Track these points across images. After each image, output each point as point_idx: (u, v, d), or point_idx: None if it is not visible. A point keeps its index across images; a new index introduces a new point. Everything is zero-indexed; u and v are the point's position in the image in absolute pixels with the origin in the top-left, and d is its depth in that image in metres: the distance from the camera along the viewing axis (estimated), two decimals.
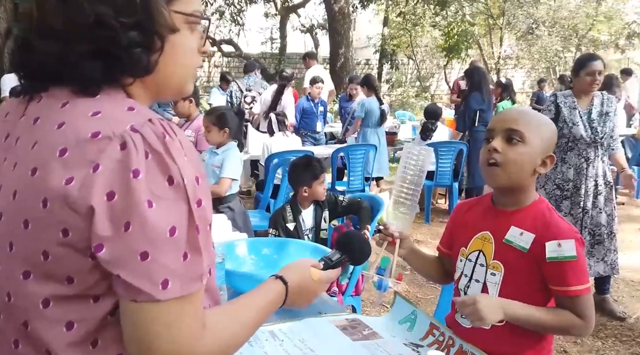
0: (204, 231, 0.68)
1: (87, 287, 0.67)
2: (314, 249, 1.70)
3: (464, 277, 1.35)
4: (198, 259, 0.67)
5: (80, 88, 0.69)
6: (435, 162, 4.90)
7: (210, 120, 2.99)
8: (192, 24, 0.76)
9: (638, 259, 4.05)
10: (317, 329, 1.36)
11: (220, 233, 1.98)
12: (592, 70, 2.91)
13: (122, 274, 0.63)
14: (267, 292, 0.90)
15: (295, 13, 14.00)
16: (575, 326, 1.24)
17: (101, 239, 0.63)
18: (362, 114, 5.32)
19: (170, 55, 0.73)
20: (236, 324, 0.78)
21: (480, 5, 14.27)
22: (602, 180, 3.03)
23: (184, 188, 0.66)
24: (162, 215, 0.64)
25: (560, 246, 1.20)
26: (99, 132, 0.65)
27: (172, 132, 0.68)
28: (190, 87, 0.81)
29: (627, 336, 2.87)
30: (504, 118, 1.29)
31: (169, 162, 0.65)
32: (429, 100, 14.25)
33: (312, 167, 2.53)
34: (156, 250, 0.63)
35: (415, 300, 3.35)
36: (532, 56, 15.31)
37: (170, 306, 0.65)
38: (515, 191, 1.29)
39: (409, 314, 1.40)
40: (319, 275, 1.00)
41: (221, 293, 1.41)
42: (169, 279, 0.64)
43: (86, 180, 0.63)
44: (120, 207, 0.62)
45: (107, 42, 0.66)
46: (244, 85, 5.90)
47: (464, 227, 1.39)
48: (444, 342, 1.29)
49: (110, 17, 0.66)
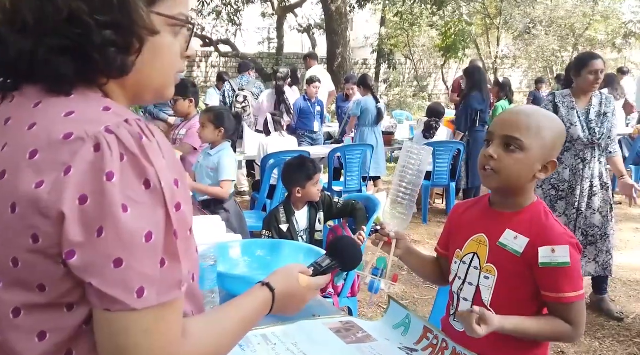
0: (183, 236, 0.65)
1: (59, 295, 0.64)
2: (308, 251, 1.68)
3: (457, 280, 1.33)
4: (176, 265, 0.64)
5: (52, 86, 0.66)
6: (433, 162, 4.89)
7: (207, 117, 2.98)
8: (176, 27, 0.73)
9: (635, 258, 4.05)
10: (311, 331, 1.34)
11: (214, 235, 1.97)
12: (595, 69, 2.88)
13: (95, 281, 0.60)
14: (253, 300, 0.88)
15: (293, 13, 13.97)
16: (566, 334, 1.22)
17: (73, 245, 0.60)
18: (358, 112, 5.31)
19: (150, 57, 0.70)
20: (219, 333, 0.75)
21: (478, 5, 14.27)
22: (597, 182, 3.01)
23: (161, 192, 0.63)
24: (138, 220, 0.61)
25: (554, 252, 1.18)
26: (71, 133, 0.62)
27: (149, 134, 0.65)
28: (171, 91, 0.78)
29: (625, 336, 2.86)
30: (504, 122, 1.25)
31: (145, 164, 0.62)
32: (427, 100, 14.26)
33: (305, 168, 2.51)
34: (131, 256, 0.60)
35: (413, 300, 3.34)
36: (529, 56, 15.32)
37: (147, 315, 0.62)
38: (512, 194, 1.27)
39: (403, 318, 1.38)
40: (307, 282, 0.98)
41: (213, 296, 1.39)
42: (145, 287, 0.61)
43: (57, 183, 0.60)
44: (92, 211, 0.60)
45: (79, 40, 0.64)
46: (237, 85, 5.89)
47: (460, 228, 1.37)
48: (437, 346, 1.28)
49: (84, 14, 0.63)
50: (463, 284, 1.31)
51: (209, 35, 13.66)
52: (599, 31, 15.05)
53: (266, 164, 4.11)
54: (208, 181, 2.99)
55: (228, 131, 2.99)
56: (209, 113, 3.03)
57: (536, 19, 14.63)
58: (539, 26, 14.73)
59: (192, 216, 0.70)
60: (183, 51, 0.76)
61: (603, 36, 15.07)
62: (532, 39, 14.81)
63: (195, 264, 0.75)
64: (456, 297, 1.34)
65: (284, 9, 13.19)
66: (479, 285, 1.28)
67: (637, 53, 16.04)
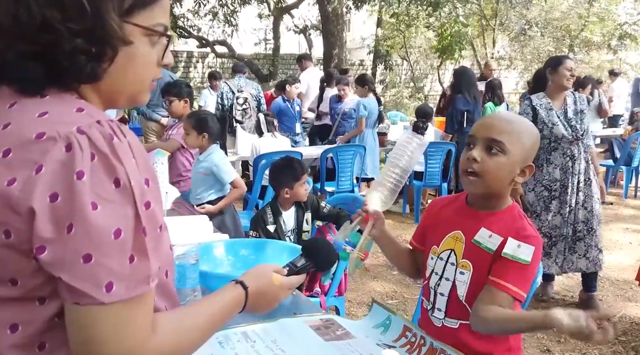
0: (152, 233, 0.68)
1: (31, 289, 0.66)
2: (292, 250, 1.70)
3: (434, 275, 1.36)
4: (145, 261, 0.67)
5: (22, 88, 0.68)
6: (425, 163, 4.92)
7: (189, 123, 2.98)
8: (153, 37, 0.75)
9: (624, 258, 4.08)
10: (290, 329, 1.37)
11: (199, 234, 1.99)
12: (570, 66, 3.07)
13: (64, 276, 0.63)
14: (226, 297, 0.90)
15: (289, 14, 13.98)
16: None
17: (43, 240, 0.62)
18: (366, 113, 5.30)
19: (124, 65, 0.72)
20: (189, 328, 0.77)
21: (474, 6, 14.31)
22: (582, 177, 3.09)
23: (131, 190, 0.65)
24: (107, 218, 0.63)
25: (519, 247, 1.22)
26: (43, 132, 0.64)
27: (120, 134, 0.67)
28: (146, 97, 0.80)
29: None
30: (486, 126, 1.28)
31: (115, 164, 0.65)
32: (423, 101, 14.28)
33: (293, 168, 2.54)
34: (100, 252, 0.63)
35: (402, 300, 3.37)
36: (525, 57, 15.37)
37: (116, 309, 0.65)
38: (491, 197, 1.31)
39: (384, 320, 1.41)
40: (280, 281, 1.00)
41: (195, 294, 1.41)
42: (114, 282, 0.64)
43: (28, 181, 0.62)
44: (63, 208, 0.62)
45: (50, 46, 0.66)
46: (235, 86, 5.92)
47: (437, 224, 1.40)
48: (415, 343, 1.31)
49: (57, 22, 0.65)
50: (440, 280, 1.34)
51: (206, 36, 13.66)
52: (595, 32, 15.11)
53: (258, 164, 4.13)
54: (204, 186, 3.00)
55: (212, 135, 2.98)
56: (191, 119, 3.03)
57: (532, 21, 14.68)
58: (535, 27, 14.79)
59: (163, 214, 0.72)
60: (159, 59, 0.78)
61: (598, 37, 15.13)
62: (528, 41, 14.87)
63: (167, 260, 0.78)
64: (433, 292, 1.36)
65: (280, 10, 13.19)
66: (455, 281, 1.31)
67: (632, 54, 16.12)
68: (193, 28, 13.50)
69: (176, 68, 13.12)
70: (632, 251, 4.30)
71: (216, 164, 2.93)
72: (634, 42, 14.69)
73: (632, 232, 4.85)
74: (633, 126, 6.57)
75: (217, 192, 2.99)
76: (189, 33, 13.43)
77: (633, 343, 2.80)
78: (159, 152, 2.49)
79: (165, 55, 0.79)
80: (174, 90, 3.70)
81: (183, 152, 3.53)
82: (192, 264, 1.37)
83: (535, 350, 2.71)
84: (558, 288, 3.49)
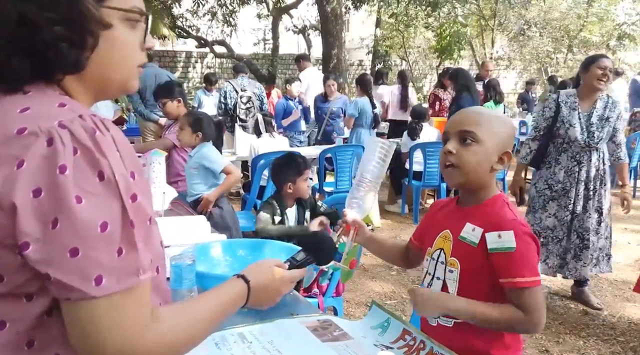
0: (141, 226, 0.68)
1: (17, 285, 0.66)
2: (290, 250, 1.69)
3: (428, 275, 1.38)
4: (134, 253, 0.67)
5: (7, 88, 0.68)
6: (424, 163, 4.92)
7: (186, 121, 2.99)
8: (132, 21, 0.75)
9: (622, 258, 4.08)
10: (287, 330, 1.36)
11: (198, 234, 1.98)
12: (603, 65, 2.93)
13: (52, 271, 0.62)
14: (228, 291, 0.90)
15: (288, 14, 13.97)
16: (519, 321, 1.22)
17: (27, 236, 0.62)
18: (356, 113, 5.31)
19: (107, 51, 0.72)
20: (190, 321, 0.77)
21: (472, 7, 14.31)
22: (593, 185, 3.02)
23: (115, 183, 0.65)
24: (92, 211, 0.63)
25: (500, 237, 1.21)
26: (25, 128, 0.64)
27: (103, 128, 0.67)
28: (135, 84, 0.80)
29: (609, 335, 2.89)
30: (457, 120, 1.33)
31: (99, 157, 0.64)
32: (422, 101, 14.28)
33: (296, 163, 2.54)
34: (87, 246, 0.62)
35: (401, 300, 3.36)
36: (524, 57, 15.39)
37: (110, 302, 0.65)
38: (475, 189, 1.32)
39: (383, 322, 1.40)
40: (281, 274, 1.00)
41: (192, 295, 1.40)
42: (103, 275, 0.64)
43: (10, 176, 0.62)
44: (47, 203, 0.62)
45: (31, 38, 0.66)
46: (239, 86, 5.91)
47: (431, 226, 1.43)
48: (414, 346, 1.30)
49: (32, 13, 0.65)
50: (432, 279, 1.36)
51: (204, 36, 13.65)
52: (593, 33, 15.12)
53: (256, 164, 4.13)
54: (197, 180, 3.00)
55: (206, 137, 2.98)
56: (189, 117, 3.04)
57: (530, 21, 14.70)
58: (534, 28, 14.80)
59: (152, 207, 0.72)
60: (142, 43, 0.78)
61: (597, 38, 15.14)
62: (527, 41, 14.88)
63: (158, 255, 0.77)
64: None
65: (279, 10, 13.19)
66: (445, 279, 1.32)
67: (631, 54, 16.13)
68: (192, 28, 13.50)
69: (175, 68, 13.11)
70: (631, 251, 4.30)
71: (205, 156, 2.93)
72: (633, 42, 14.71)
73: (630, 232, 4.85)
74: (631, 126, 6.57)
75: (212, 186, 2.98)
76: (187, 33, 13.42)
77: (632, 343, 2.80)
78: (156, 152, 2.49)
79: (146, 39, 0.79)
80: (164, 91, 3.70)
81: (179, 152, 3.51)
82: (188, 265, 1.36)
83: (534, 350, 2.71)
84: (556, 287, 3.48)
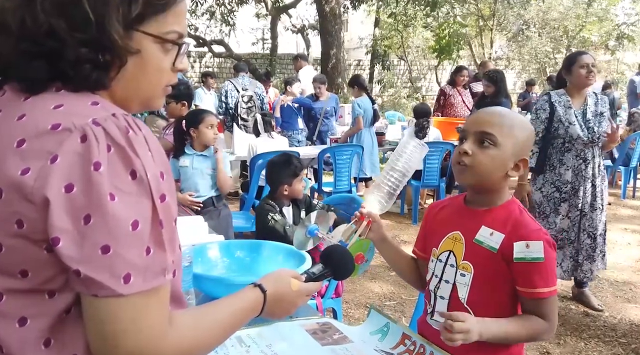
0: (168, 226, 0.67)
1: (41, 281, 0.66)
2: (288, 251, 1.67)
3: (434, 278, 1.33)
4: (161, 253, 0.66)
5: (27, 87, 0.68)
6: (423, 163, 4.89)
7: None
8: (166, 44, 0.74)
9: (623, 259, 4.07)
10: (286, 333, 1.34)
11: (195, 236, 1.95)
12: (585, 63, 2.89)
13: (82, 268, 0.62)
14: (244, 299, 0.89)
15: (287, 13, 13.96)
16: (542, 331, 1.22)
17: (58, 230, 0.62)
18: (362, 112, 5.26)
19: (134, 72, 0.72)
20: (206, 327, 0.77)
21: (471, 7, 14.32)
22: (598, 181, 3.00)
23: (148, 182, 0.65)
24: (125, 209, 0.63)
25: (528, 247, 1.19)
26: (59, 124, 0.64)
27: (136, 127, 0.67)
28: (160, 103, 0.81)
29: (610, 337, 2.87)
30: (477, 119, 1.28)
31: (132, 156, 0.65)
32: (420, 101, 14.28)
33: (292, 165, 2.52)
34: (118, 243, 0.62)
35: (400, 301, 3.34)
36: (523, 57, 15.39)
37: (135, 301, 0.64)
38: (487, 191, 1.28)
39: (382, 327, 1.37)
40: (298, 286, 0.99)
41: (189, 297, 1.38)
42: (132, 273, 0.63)
43: (43, 171, 0.62)
44: (79, 199, 0.62)
45: (54, 53, 0.66)
46: (240, 85, 5.88)
47: (435, 227, 1.37)
48: (414, 351, 1.27)
49: (62, 31, 0.66)
50: (440, 282, 1.31)
51: (203, 36, 13.63)
52: (592, 33, 15.14)
53: (255, 164, 4.10)
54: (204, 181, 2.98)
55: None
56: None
57: (529, 21, 14.70)
58: (533, 28, 14.81)
59: (177, 208, 0.72)
60: (172, 66, 0.78)
61: (596, 38, 15.16)
62: (526, 41, 14.88)
63: (177, 258, 0.76)
64: (433, 295, 1.33)
65: (277, 10, 13.18)
66: (456, 283, 1.28)
67: (630, 55, 16.15)
68: (190, 27, 13.48)
69: None
70: (631, 251, 4.28)
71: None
72: (632, 42, 14.72)
73: (630, 232, 4.83)
74: (631, 127, 6.56)
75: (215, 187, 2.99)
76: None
77: (633, 345, 2.78)
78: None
79: (180, 60, 0.78)
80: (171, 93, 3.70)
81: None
82: (185, 267, 1.33)
83: (535, 352, 2.69)
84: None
